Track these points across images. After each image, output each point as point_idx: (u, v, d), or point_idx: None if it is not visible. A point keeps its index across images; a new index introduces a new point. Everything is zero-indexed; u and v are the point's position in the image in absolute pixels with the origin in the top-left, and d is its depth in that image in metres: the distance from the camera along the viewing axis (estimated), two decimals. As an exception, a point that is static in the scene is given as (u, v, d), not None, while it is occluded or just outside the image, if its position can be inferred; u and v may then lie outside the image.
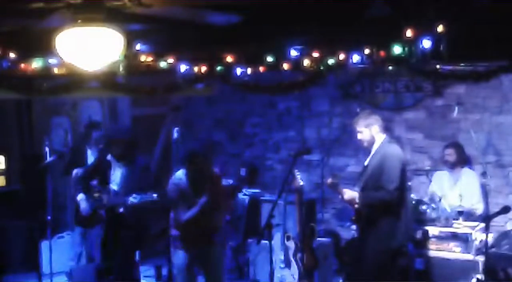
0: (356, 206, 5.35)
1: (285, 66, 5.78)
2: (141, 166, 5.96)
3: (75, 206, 6.26)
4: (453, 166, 6.44)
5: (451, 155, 6.44)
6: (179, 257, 5.20)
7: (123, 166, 5.92)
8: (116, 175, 5.91)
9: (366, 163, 5.48)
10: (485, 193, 6.39)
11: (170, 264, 5.53)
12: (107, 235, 6.01)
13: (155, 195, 5.51)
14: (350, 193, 5.43)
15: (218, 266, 5.29)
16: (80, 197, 6.09)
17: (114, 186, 5.86)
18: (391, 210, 5.25)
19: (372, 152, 5.44)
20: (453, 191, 6.33)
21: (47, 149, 6.56)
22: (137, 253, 6.07)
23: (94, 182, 5.92)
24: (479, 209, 6.24)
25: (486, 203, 6.37)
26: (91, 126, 7.04)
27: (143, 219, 5.99)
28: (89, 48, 3.94)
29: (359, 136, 5.46)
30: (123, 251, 5.93)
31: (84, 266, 6.75)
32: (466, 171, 6.45)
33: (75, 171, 6.37)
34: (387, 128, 5.55)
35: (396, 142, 5.63)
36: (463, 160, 6.47)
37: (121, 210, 5.79)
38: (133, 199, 5.55)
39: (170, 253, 5.30)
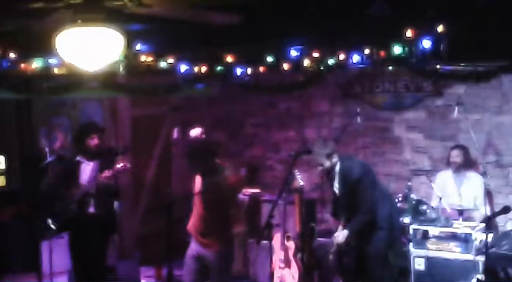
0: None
1: (285, 66, 5.78)
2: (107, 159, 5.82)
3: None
4: (458, 168, 6.41)
5: (458, 156, 6.41)
6: None
7: (94, 165, 5.80)
8: (86, 174, 5.80)
9: (337, 191, 5.57)
10: (487, 193, 6.39)
11: (170, 264, 5.52)
12: (76, 238, 5.90)
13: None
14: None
15: None
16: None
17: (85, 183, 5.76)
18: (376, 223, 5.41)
19: (337, 178, 5.51)
20: (456, 193, 6.33)
21: (47, 149, 6.55)
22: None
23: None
24: (481, 214, 6.23)
25: (488, 204, 6.37)
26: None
27: (114, 218, 5.96)
28: (89, 48, 3.94)
29: (321, 169, 5.55)
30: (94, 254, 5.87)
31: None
32: (472, 175, 6.44)
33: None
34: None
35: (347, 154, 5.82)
36: (468, 163, 6.46)
37: (91, 209, 5.70)
38: (106, 173, 5.51)
39: (170, 253, 5.29)
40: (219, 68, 6.05)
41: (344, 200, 5.52)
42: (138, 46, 5.90)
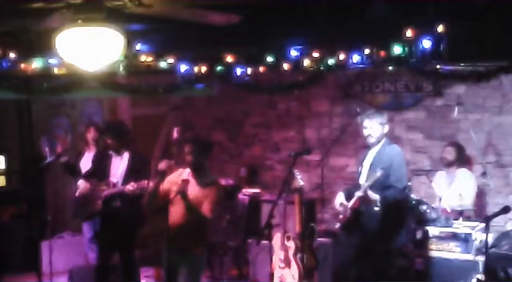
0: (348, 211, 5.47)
1: (285, 66, 5.78)
2: (140, 159, 5.89)
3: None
4: (449, 165, 6.43)
5: (450, 153, 6.44)
6: None
7: (122, 159, 5.88)
8: (116, 168, 5.88)
9: (368, 163, 5.51)
10: (484, 192, 6.40)
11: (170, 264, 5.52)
12: (102, 231, 5.97)
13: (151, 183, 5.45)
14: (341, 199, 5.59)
15: None
16: (80, 181, 6.03)
17: (114, 179, 5.82)
18: (400, 209, 5.38)
19: (374, 152, 5.48)
20: (450, 191, 6.34)
21: (47, 149, 6.56)
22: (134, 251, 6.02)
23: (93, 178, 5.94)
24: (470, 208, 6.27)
25: (485, 203, 6.39)
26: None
27: (140, 214, 5.91)
28: (89, 48, 3.94)
29: (369, 131, 5.48)
30: (121, 249, 5.90)
31: (85, 266, 6.77)
32: (462, 171, 6.45)
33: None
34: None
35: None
36: (461, 161, 6.47)
37: (118, 203, 5.73)
38: (130, 186, 5.52)
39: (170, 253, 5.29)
40: (219, 68, 6.04)
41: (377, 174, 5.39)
42: (138, 46, 5.90)
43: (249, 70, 6.01)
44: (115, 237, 5.80)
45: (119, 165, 5.84)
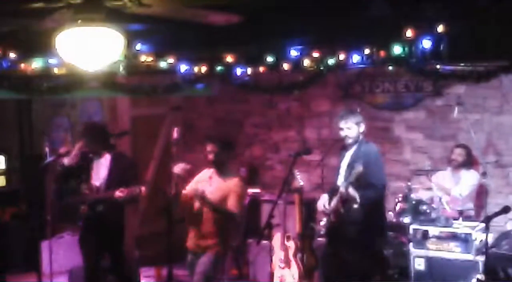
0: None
1: (285, 66, 5.78)
2: (124, 161, 5.82)
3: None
4: (458, 167, 6.42)
5: (460, 155, 6.42)
6: None
7: (104, 161, 5.78)
8: (97, 171, 5.78)
9: (345, 164, 5.47)
10: (484, 192, 6.40)
11: (170, 264, 5.53)
12: (85, 234, 5.89)
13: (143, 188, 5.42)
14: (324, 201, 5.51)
15: None
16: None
17: (96, 182, 5.73)
18: (379, 207, 5.35)
19: (351, 152, 5.43)
20: (454, 191, 6.33)
21: (47, 149, 6.56)
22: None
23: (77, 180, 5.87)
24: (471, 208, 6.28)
25: (485, 203, 6.39)
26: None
27: (123, 218, 5.87)
28: (89, 48, 3.94)
29: (346, 132, 5.39)
30: (109, 252, 5.86)
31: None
32: (468, 172, 6.44)
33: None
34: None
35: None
36: (469, 163, 6.47)
37: (101, 208, 5.65)
38: (119, 192, 5.42)
39: (170, 253, 5.30)
40: (219, 68, 6.05)
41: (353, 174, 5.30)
42: (138, 46, 5.90)
43: (249, 70, 6.01)
44: (100, 241, 5.73)
45: (100, 168, 5.75)
